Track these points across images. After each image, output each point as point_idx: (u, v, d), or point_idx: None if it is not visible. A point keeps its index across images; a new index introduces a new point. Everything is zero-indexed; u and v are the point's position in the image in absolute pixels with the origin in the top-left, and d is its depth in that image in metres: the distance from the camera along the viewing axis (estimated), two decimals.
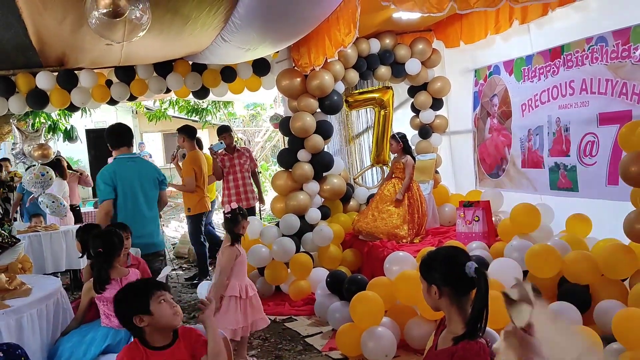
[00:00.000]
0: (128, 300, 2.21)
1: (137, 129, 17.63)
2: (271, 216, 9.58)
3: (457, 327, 1.91)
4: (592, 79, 4.51)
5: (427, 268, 2.00)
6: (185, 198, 6.51)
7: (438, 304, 1.97)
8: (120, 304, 2.23)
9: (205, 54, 5.65)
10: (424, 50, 6.36)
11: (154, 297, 2.19)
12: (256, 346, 4.39)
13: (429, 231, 5.69)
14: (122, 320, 2.23)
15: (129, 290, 2.27)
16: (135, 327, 2.18)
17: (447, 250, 2.06)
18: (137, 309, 2.16)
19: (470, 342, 1.82)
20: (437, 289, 1.94)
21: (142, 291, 2.21)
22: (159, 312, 2.17)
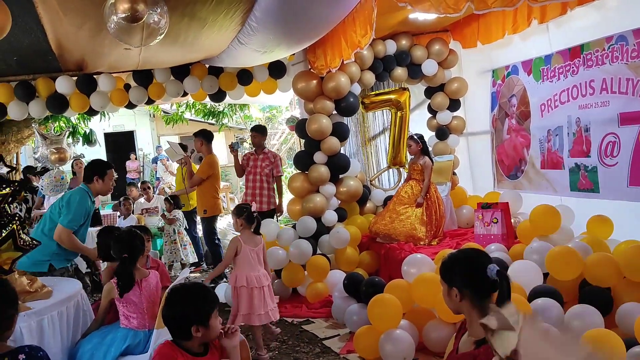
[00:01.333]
0: (194, 308, 2.18)
1: (154, 132, 17.81)
2: (287, 218, 9.58)
3: (479, 330, 1.88)
4: (612, 79, 4.44)
5: (447, 270, 1.98)
6: (202, 200, 6.57)
7: (459, 307, 1.95)
8: (184, 310, 2.19)
9: (221, 57, 5.68)
10: (440, 51, 6.32)
11: (215, 312, 2.22)
12: (274, 348, 4.38)
13: (447, 233, 5.64)
14: (178, 325, 2.20)
15: (197, 298, 2.23)
16: (185, 334, 2.17)
17: (468, 253, 2.04)
18: (199, 320, 2.16)
19: None
20: (458, 291, 1.92)
21: (210, 304, 2.22)
22: (213, 325, 2.20)
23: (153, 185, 11.73)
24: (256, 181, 6.38)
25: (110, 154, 17.37)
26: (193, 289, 2.33)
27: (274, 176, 6.40)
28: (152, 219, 8.08)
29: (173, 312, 2.21)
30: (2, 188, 3.07)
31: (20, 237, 3.18)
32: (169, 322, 2.24)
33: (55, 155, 6.87)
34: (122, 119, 15.81)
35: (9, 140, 7.91)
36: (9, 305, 2.09)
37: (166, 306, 2.24)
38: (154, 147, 16.90)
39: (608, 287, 3.68)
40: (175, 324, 2.22)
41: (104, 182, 4.05)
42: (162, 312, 2.26)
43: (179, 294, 2.26)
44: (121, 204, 7.40)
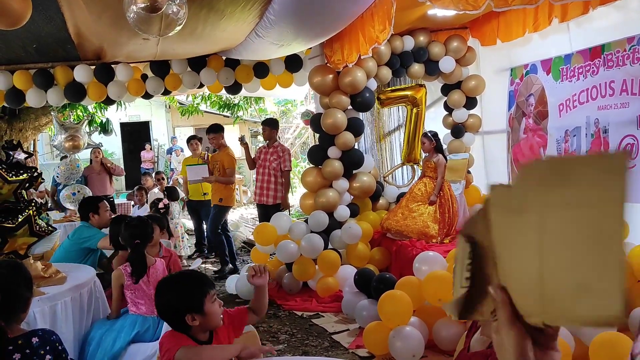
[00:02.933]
0: (182, 297, 2.08)
1: (169, 123, 17.90)
2: (299, 212, 9.60)
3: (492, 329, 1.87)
4: (633, 80, 4.37)
5: None
6: (220, 189, 6.61)
7: None
8: (172, 300, 2.10)
9: (238, 49, 5.68)
10: (458, 48, 6.26)
11: (208, 296, 2.09)
12: (283, 341, 4.40)
13: None
14: (170, 317, 2.12)
15: (183, 286, 2.13)
16: (182, 325, 2.08)
17: None
18: (192, 308, 2.06)
19: None
20: None
21: (199, 289, 2.10)
22: (210, 311, 2.09)
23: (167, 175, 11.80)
24: (264, 174, 6.43)
25: (126, 144, 17.52)
26: (180, 276, 2.28)
27: (282, 170, 6.41)
28: None
29: (163, 303, 2.13)
30: (19, 174, 3.11)
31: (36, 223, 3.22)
32: (163, 314, 2.16)
33: (70, 142, 6.92)
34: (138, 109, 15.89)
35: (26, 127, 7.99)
36: (25, 288, 2.11)
37: (157, 298, 2.16)
38: (169, 138, 16.99)
39: None
40: (168, 315, 2.14)
41: (99, 215, 4.31)
42: (156, 305, 2.18)
43: (166, 284, 2.19)
44: (135, 194, 7.45)
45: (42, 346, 1.99)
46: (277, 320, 4.93)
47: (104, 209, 4.35)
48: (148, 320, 3.29)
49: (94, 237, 4.16)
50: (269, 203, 6.38)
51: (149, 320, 3.30)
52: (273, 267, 5.97)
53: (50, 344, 2.02)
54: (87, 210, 4.32)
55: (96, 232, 4.22)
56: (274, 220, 5.82)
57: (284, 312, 5.16)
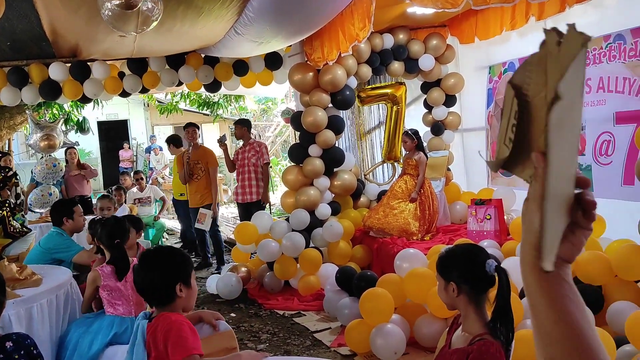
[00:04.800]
0: (175, 267, 2.14)
1: (148, 121, 17.70)
2: (281, 211, 9.57)
3: (474, 327, 1.88)
4: (609, 77, 4.43)
5: (445, 265, 1.98)
6: (205, 189, 6.56)
7: (455, 302, 1.94)
8: (164, 271, 2.13)
9: (217, 47, 5.64)
10: (437, 46, 6.29)
11: (193, 273, 2.20)
12: (264, 340, 4.38)
13: (440, 229, 5.64)
14: (159, 287, 2.12)
15: (177, 256, 2.20)
16: (168, 296, 2.10)
17: (466, 248, 2.03)
18: (183, 277, 2.13)
19: (486, 342, 1.79)
20: (456, 286, 1.91)
21: (188, 262, 2.22)
22: (193, 286, 2.18)
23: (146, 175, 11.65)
24: (245, 173, 6.40)
25: (104, 143, 17.28)
26: (167, 249, 2.30)
27: (261, 165, 6.39)
28: (144, 208, 8.04)
29: (153, 274, 2.12)
30: None
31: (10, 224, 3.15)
32: (148, 287, 2.14)
33: (45, 142, 6.80)
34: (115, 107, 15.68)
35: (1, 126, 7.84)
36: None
37: (142, 272, 2.15)
38: (148, 137, 16.80)
39: (599, 286, 3.68)
40: (156, 286, 2.13)
41: (74, 220, 4.15)
42: (137, 280, 2.18)
43: (155, 256, 2.21)
44: (113, 193, 7.35)
45: (16, 350, 1.94)
46: (259, 320, 4.90)
47: (79, 213, 4.21)
48: (126, 321, 3.25)
49: (69, 250, 4.01)
50: (252, 200, 6.37)
51: (127, 321, 3.25)
52: (254, 267, 5.94)
53: (24, 348, 1.98)
54: (61, 215, 4.15)
55: (70, 243, 4.06)
56: (255, 219, 5.79)
57: (266, 311, 5.13)
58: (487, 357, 1.78)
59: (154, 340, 2.04)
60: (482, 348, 1.80)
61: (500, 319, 1.86)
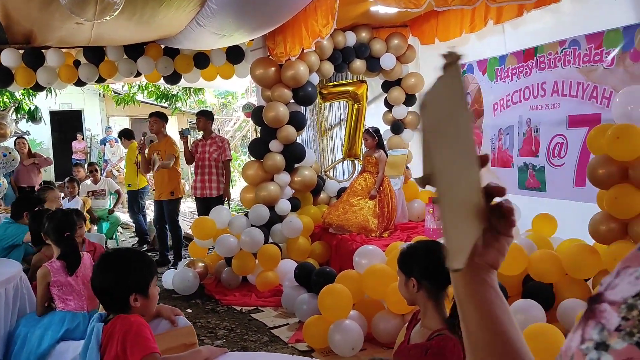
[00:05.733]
0: (131, 274, 1.99)
1: (103, 112, 17.22)
2: (239, 206, 9.49)
3: (433, 322, 1.91)
4: (563, 82, 4.58)
5: (406, 261, 2.00)
6: (169, 182, 6.41)
7: (415, 298, 1.97)
8: (118, 277, 1.98)
9: (178, 38, 5.54)
10: (399, 45, 6.36)
11: (154, 280, 2.05)
12: (221, 336, 4.33)
13: (398, 226, 5.71)
14: (113, 295, 2.00)
15: (133, 263, 2.04)
16: (122, 306, 1.98)
17: (427, 244, 2.06)
18: (139, 287, 1.98)
19: (445, 337, 1.82)
20: (416, 282, 1.94)
21: (148, 269, 2.04)
22: (153, 294, 2.03)
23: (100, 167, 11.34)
24: (205, 167, 6.28)
25: (56, 133, 16.70)
26: (129, 253, 2.17)
27: (222, 161, 6.30)
28: (98, 201, 7.82)
29: (107, 280, 1.99)
30: None
31: None
32: (102, 292, 2.03)
33: None
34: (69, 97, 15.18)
35: None
36: None
37: (98, 275, 2.02)
38: (103, 128, 16.35)
39: (550, 283, 3.81)
40: (109, 294, 2.00)
41: None
42: (93, 283, 2.04)
43: (113, 260, 2.06)
44: (66, 185, 7.12)
45: None
46: (216, 316, 4.85)
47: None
48: (78, 317, 3.16)
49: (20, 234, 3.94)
50: (212, 195, 6.26)
51: (79, 317, 3.17)
52: (211, 262, 5.87)
53: None
54: (23, 209, 4.06)
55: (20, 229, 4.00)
56: (213, 214, 5.71)
57: (223, 307, 5.08)
58: (446, 352, 1.81)
59: (110, 343, 1.98)
60: (440, 343, 1.83)
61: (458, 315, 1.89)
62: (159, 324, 2.31)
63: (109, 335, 1.98)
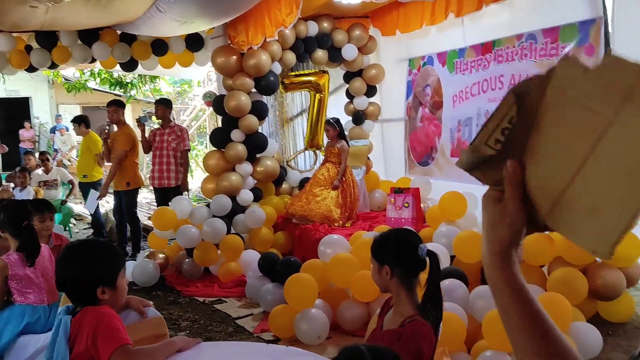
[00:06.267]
0: (98, 266, 1.90)
1: (53, 100, 16.61)
2: (198, 197, 9.37)
3: (405, 308, 1.95)
4: (520, 75, 4.72)
5: (380, 249, 2.03)
6: (124, 172, 6.24)
7: (388, 285, 2.00)
8: (85, 269, 1.89)
9: (136, 24, 5.38)
10: (360, 36, 6.39)
11: (122, 270, 1.97)
12: (185, 328, 4.29)
13: (360, 215, 5.78)
14: (79, 287, 1.92)
15: (99, 255, 1.95)
16: (89, 298, 1.91)
17: (400, 233, 2.10)
18: (106, 280, 1.90)
19: (417, 322, 1.87)
20: (389, 269, 1.97)
21: (115, 261, 1.96)
22: (121, 286, 1.97)
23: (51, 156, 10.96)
24: (163, 156, 6.16)
25: (2, 121, 16.03)
26: (96, 244, 2.10)
27: (181, 150, 6.20)
28: (50, 192, 7.57)
29: (73, 272, 1.91)
30: None
31: None
32: (68, 284, 1.95)
33: None
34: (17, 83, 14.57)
35: None
36: None
37: (63, 266, 1.94)
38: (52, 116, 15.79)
39: None
40: (76, 286, 1.92)
41: None
42: (58, 274, 1.96)
43: (79, 250, 1.98)
44: (17, 175, 6.85)
45: None
46: (178, 307, 4.80)
47: None
48: (38, 310, 3.07)
49: None
50: (170, 185, 6.14)
51: (39, 310, 3.08)
52: (172, 253, 5.79)
53: None
54: None
55: None
56: (174, 205, 5.62)
57: (185, 298, 5.03)
58: (418, 337, 1.86)
59: (79, 336, 1.92)
60: (413, 328, 1.88)
61: (431, 301, 1.95)
62: (128, 315, 2.27)
63: (78, 327, 1.93)
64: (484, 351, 3.13)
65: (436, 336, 1.94)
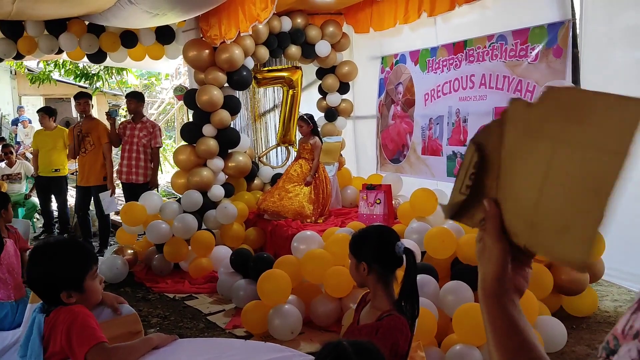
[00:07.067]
0: (61, 270, 1.84)
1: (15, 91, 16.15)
2: (166, 192, 9.25)
3: (382, 303, 1.98)
4: (491, 75, 4.82)
5: (358, 245, 2.05)
6: (101, 167, 6.10)
7: (365, 281, 2.03)
8: (47, 273, 1.85)
9: (105, 15, 5.28)
10: (334, 33, 6.40)
11: (90, 272, 1.89)
12: (155, 324, 4.24)
13: (332, 212, 5.80)
14: (45, 291, 1.89)
15: (63, 257, 1.87)
16: (57, 301, 1.86)
17: (378, 229, 2.12)
18: (70, 285, 1.84)
19: (394, 317, 1.90)
20: (367, 265, 1.99)
21: (81, 263, 1.88)
22: (91, 288, 1.90)
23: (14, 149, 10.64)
24: (132, 151, 6.03)
25: None
26: (62, 245, 2.00)
27: (152, 147, 6.09)
28: (14, 186, 7.37)
29: (36, 275, 1.86)
30: None
31: None
32: (35, 286, 1.91)
33: None
34: None
35: None
36: None
37: (30, 267, 1.89)
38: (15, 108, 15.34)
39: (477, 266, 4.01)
40: (41, 288, 1.89)
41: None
42: (27, 273, 1.92)
43: (42, 252, 1.90)
44: None
45: None
46: (148, 304, 4.73)
47: None
48: (5, 306, 3.02)
49: None
50: (138, 182, 6.01)
51: (6, 306, 3.03)
52: (141, 249, 5.71)
53: None
54: None
55: None
56: (144, 200, 5.54)
57: (154, 294, 4.96)
58: (395, 331, 1.89)
59: (53, 335, 1.88)
60: (390, 323, 1.91)
61: (407, 297, 1.98)
62: (102, 312, 2.24)
63: (52, 327, 1.89)
64: (454, 345, 3.20)
65: (412, 331, 1.97)
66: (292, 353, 1.94)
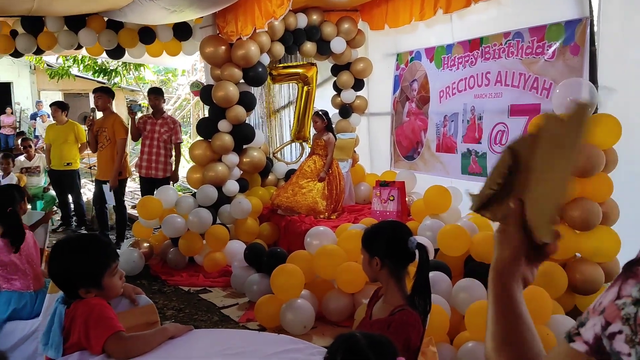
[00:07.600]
0: (80, 267, 1.89)
1: (34, 85, 16.38)
2: (182, 186, 9.33)
3: (395, 298, 2.00)
4: (507, 72, 4.79)
5: (371, 240, 2.07)
6: (111, 163, 6.19)
7: (378, 275, 2.05)
8: (67, 268, 1.90)
9: (124, 11, 5.34)
10: (349, 29, 6.41)
11: (109, 270, 1.93)
12: (170, 316, 4.30)
13: (345, 208, 5.82)
14: (66, 281, 1.94)
15: (83, 254, 1.92)
16: (75, 295, 1.92)
17: (391, 225, 2.14)
18: (88, 282, 1.89)
19: (406, 312, 1.92)
20: (379, 260, 2.02)
21: (100, 261, 1.92)
22: (109, 285, 1.94)
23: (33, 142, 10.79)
24: (153, 147, 6.11)
25: None
26: (80, 242, 2.04)
27: (173, 143, 6.17)
28: (32, 179, 7.48)
29: (58, 269, 1.92)
30: None
31: None
32: (56, 281, 1.98)
33: None
34: None
35: None
36: None
37: (51, 262, 1.95)
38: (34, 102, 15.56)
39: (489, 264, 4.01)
40: (61, 283, 1.95)
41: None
42: (50, 267, 1.98)
43: (63, 249, 1.95)
44: (0, 161, 6.76)
45: None
46: (163, 296, 4.80)
47: None
48: (24, 296, 3.08)
49: None
50: (158, 176, 6.09)
51: (26, 296, 3.09)
52: (157, 242, 5.78)
53: None
54: None
55: None
56: (159, 194, 5.61)
57: (170, 287, 5.03)
58: (407, 326, 1.91)
59: (72, 327, 1.94)
60: (402, 318, 1.93)
61: (419, 292, 2.00)
62: (120, 303, 2.29)
63: (72, 319, 1.94)
64: (466, 342, 3.21)
65: (424, 326, 1.99)
66: (305, 345, 1.97)
